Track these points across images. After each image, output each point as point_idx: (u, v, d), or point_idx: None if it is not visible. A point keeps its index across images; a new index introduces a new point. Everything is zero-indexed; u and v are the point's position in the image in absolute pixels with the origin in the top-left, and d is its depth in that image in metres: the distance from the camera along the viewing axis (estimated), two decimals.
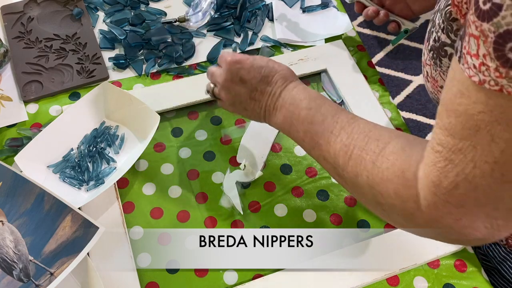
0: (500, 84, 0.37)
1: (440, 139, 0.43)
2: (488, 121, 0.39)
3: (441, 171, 0.43)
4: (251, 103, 0.65)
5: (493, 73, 0.37)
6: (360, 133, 0.54)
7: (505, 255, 0.71)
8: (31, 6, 0.94)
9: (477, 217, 0.43)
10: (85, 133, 0.77)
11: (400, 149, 0.49)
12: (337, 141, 0.55)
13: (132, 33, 0.90)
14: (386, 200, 0.49)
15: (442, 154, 0.43)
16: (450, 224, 0.44)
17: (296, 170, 0.77)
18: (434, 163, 0.43)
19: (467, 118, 0.40)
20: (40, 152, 0.73)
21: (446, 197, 0.43)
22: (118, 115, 0.78)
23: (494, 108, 0.38)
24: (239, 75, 0.64)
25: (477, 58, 0.38)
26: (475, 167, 0.41)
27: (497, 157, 0.40)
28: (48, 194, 0.64)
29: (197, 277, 0.67)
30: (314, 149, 0.58)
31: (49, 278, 0.59)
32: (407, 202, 0.47)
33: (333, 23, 0.95)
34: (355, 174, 0.52)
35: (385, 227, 0.72)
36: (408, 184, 0.47)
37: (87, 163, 0.75)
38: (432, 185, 0.44)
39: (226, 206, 0.73)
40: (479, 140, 0.40)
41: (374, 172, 0.50)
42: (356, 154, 0.52)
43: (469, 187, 0.41)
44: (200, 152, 0.78)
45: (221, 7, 0.94)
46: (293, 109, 0.60)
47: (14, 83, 0.84)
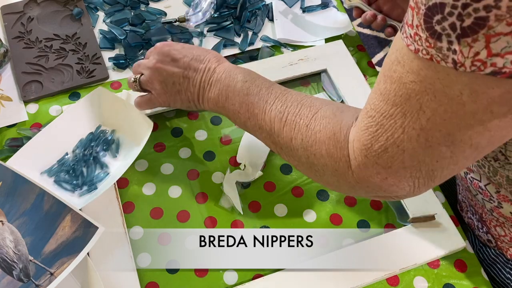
0: (430, 53, 0.40)
1: (375, 103, 0.46)
2: (418, 91, 0.42)
3: (373, 135, 0.46)
4: (184, 82, 0.66)
5: (424, 43, 0.40)
6: (294, 101, 0.58)
7: (495, 257, 0.72)
8: (31, 6, 0.94)
9: (402, 177, 0.47)
10: (80, 137, 0.76)
11: (331, 114, 0.54)
12: (272, 109, 0.58)
13: (132, 33, 0.90)
14: (319, 161, 0.53)
15: (374, 118, 0.46)
16: (377, 182, 0.48)
17: (296, 170, 0.77)
18: (367, 127, 0.47)
19: (400, 86, 0.43)
20: (32, 158, 0.72)
21: (376, 159, 0.47)
22: (113, 121, 0.78)
23: (424, 79, 0.41)
24: (171, 55, 0.66)
25: (412, 28, 0.41)
26: (403, 132, 0.44)
27: (423, 125, 0.43)
28: (47, 194, 0.64)
29: (197, 277, 0.67)
30: (249, 119, 0.61)
31: (49, 278, 0.59)
32: (338, 162, 0.51)
33: (333, 23, 0.95)
34: (290, 138, 0.56)
35: (385, 227, 0.72)
36: (339, 146, 0.51)
37: (82, 167, 0.74)
38: (363, 148, 0.47)
39: (226, 206, 0.73)
40: (409, 108, 0.43)
41: (308, 135, 0.54)
42: (290, 120, 0.56)
43: (397, 151, 0.45)
44: (200, 152, 0.78)
45: (221, 7, 0.94)
46: (228, 82, 0.63)
47: (14, 83, 0.84)
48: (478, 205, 0.71)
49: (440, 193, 0.75)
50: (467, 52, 0.38)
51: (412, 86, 0.42)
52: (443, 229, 0.70)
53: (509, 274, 0.70)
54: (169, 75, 0.66)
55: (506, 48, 0.36)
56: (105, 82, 0.85)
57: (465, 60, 0.38)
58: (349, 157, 0.50)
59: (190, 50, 0.67)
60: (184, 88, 0.66)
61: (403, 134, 0.44)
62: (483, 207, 0.70)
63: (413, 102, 0.43)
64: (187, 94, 0.66)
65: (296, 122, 0.56)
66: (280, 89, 0.61)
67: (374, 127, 0.46)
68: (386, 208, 0.74)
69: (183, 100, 0.68)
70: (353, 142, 0.49)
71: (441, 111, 0.42)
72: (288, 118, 0.57)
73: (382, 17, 0.85)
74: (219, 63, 0.65)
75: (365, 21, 0.86)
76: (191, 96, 0.66)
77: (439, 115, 0.42)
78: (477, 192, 0.68)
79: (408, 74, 0.42)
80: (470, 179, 0.69)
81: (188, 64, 0.65)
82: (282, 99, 0.59)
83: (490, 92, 0.39)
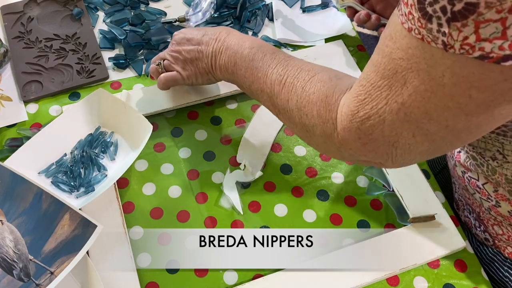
0: (422, 33, 0.41)
1: (367, 73, 0.49)
2: (404, 67, 0.44)
3: (360, 103, 0.49)
4: (199, 55, 0.72)
5: (416, 22, 0.41)
6: (294, 66, 0.61)
7: (492, 256, 0.72)
8: (31, 6, 0.94)
9: (380, 144, 0.50)
10: (79, 138, 0.76)
11: (327, 79, 0.57)
12: (273, 72, 0.62)
13: (132, 33, 0.90)
14: (310, 121, 0.57)
15: (364, 87, 0.49)
16: (358, 146, 0.52)
17: (296, 170, 0.77)
18: (357, 95, 0.50)
19: (390, 60, 0.45)
20: (31, 158, 0.72)
21: (359, 124, 0.50)
22: (112, 123, 0.78)
23: (410, 57, 0.43)
24: (185, 37, 0.73)
25: (407, 7, 0.42)
26: (386, 104, 0.47)
27: (405, 100, 0.45)
28: (45, 193, 0.64)
29: (197, 277, 0.67)
30: (253, 83, 0.65)
31: (49, 277, 0.59)
32: (326, 123, 0.54)
33: (333, 23, 0.95)
34: (287, 99, 0.60)
35: (385, 227, 0.72)
36: (329, 108, 0.54)
37: (80, 169, 0.74)
38: (350, 113, 0.50)
39: (226, 206, 0.73)
40: (394, 82, 0.46)
41: (303, 96, 0.57)
42: (289, 82, 0.60)
43: (378, 120, 0.48)
44: (200, 152, 0.78)
45: (221, 7, 0.94)
46: (237, 48, 0.68)
47: (14, 83, 0.84)
48: (475, 204, 0.71)
49: (440, 193, 0.75)
50: (456, 36, 0.39)
51: (400, 62, 0.44)
52: (443, 229, 0.70)
53: (507, 273, 0.70)
54: (186, 52, 0.73)
55: (494, 34, 0.37)
56: (105, 82, 0.85)
57: (454, 43, 0.39)
58: (336, 120, 0.53)
59: (202, 30, 0.73)
60: (200, 61, 0.72)
61: (386, 106, 0.47)
62: (480, 206, 0.70)
63: (399, 77, 0.45)
64: (202, 66, 0.72)
65: (294, 85, 0.59)
66: (284, 55, 0.64)
67: (363, 95, 0.49)
68: (386, 208, 0.74)
69: (202, 73, 0.73)
70: (342, 107, 0.52)
71: (422, 89, 0.44)
72: (287, 80, 0.60)
73: (376, 16, 0.85)
74: (228, 33, 0.70)
75: (358, 21, 0.86)
76: (206, 66, 0.72)
77: (419, 93, 0.44)
78: (475, 191, 0.69)
79: (398, 51, 0.44)
80: (468, 178, 0.69)
81: (200, 40, 0.72)
82: (284, 64, 0.62)
83: (471, 76, 0.41)
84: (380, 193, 0.75)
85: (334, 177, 0.77)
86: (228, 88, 0.83)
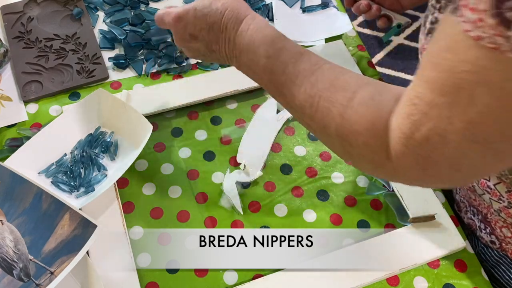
0: (498, 42, 0.36)
1: (419, 91, 0.43)
2: (470, 81, 0.39)
3: (414, 124, 0.43)
4: (212, 54, 0.64)
5: (490, 30, 0.36)
6: (324, 81, 0.52)
7: (498, 258, 0.71)
8: (31, 6, 0.94)
9: (442, 168, 0.44)
10: (79, 138, 0.76)
11: (369, 99, 0.49)
12: (300, 91, 0.53)
13: (132, 33, 0.90)
14: (355, 150, 0.50)
15: (418, 107, 0.42)
16: (416, 172, 0.46)
17: (296, 170, 0.77)
18: (408, 115, 0.43)
19: (450, 75, 0.40)
20: (30, 158, 0.72)
21: (416, 148, 0.43)
22: (112, 122, 0.77)
23: (480, 70, 0.38)
24: (188, 33, 0.63)
25: (475, 13, 0.37)
26: (449, 123, 0.41)
27: (473, 118, 0.40)
28: (45, 193, 0.64)
29: (197, 277, 0.67)
30: (279, 97, 0.57)
31: (49, 277, 0.59)
32: (376, 153, 0.47)
33: (333, 23, 0.95)
34: (323, 125, 0.52)
35: (385, 227, 0.72)
36: (378, 135, 0.47)
37: (80, 169, 0.74)
38: (403, 137, 0.44)
39: (226, 206, 0.73)
40: (459, 99, 0.40)
41: (343, 124, 0.49)
42: (323, 106, 0.51)
43: (440, 141, 0.42)
44: (200, 152, 0.78)
45: None
46: (252, 57, 0.58)
47: (14, 83, 0.84)
48: (482, 205, 0.70)
49: (440, 193, 0.75)
50: None
51: (465, 75, 0.39)
52: (443, 229, 0.70)
53: None
54: (196, 50, 0.65)
55: None
56: (105, 82, 0.85)
57: None
58: (388, 147, 0.46)
59: (204, 19, 0.61)
60: (216, 58, 0.64)
61: (449, 125, 0.41)
62: (489, 207, 0.68)
63: (464, 94, 0.39)
64: (221, 60, 0.64)
65: (330, 110, 0.50)
66: (309, 64, 0.54)
67: (417, 116, 0.42)
68: (386, 208, 0.74)
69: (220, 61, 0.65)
70: (393, 131, 0.46)
71: (494, 106, 0.38)
72: (320, 104, 0.51)
73: (377, 6, 0.81)
74: (236, 29, 0.60)
75: (358, 10, 0.82)
76: (225, 62, 0.64)
77: (491, 110, 0.39)
78: (484, 191, 0.66)
79: (462, 63, 0.39)
80: None
81: (208, 39, 0.62)
82: (311, 79, 0.53)
83: None
84: (380, 193, 0.75)
85: (334, 177, 0.77)
86: (228, 88, 0.83)
